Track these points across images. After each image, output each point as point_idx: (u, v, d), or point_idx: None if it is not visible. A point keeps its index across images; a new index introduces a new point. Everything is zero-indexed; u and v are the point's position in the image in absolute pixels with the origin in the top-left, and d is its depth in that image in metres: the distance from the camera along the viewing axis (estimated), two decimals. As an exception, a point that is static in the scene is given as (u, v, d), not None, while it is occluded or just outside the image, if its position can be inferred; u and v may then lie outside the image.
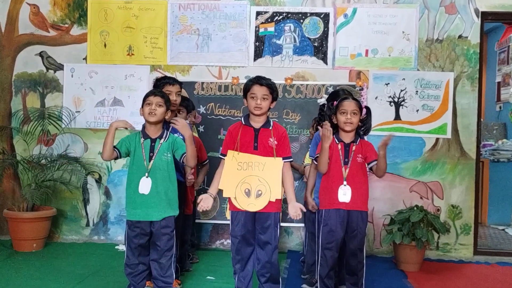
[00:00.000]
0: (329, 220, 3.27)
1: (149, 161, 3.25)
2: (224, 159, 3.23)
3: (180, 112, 4.08)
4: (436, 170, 4.98)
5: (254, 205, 3.14)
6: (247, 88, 3.22)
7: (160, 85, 3.63)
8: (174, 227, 3.34)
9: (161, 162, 3.27)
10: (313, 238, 3.82)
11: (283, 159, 3.19)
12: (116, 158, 3.33)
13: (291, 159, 3.28)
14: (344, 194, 3.24)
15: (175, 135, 3.55)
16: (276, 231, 3.21)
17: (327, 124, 3.20)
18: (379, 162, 3.25)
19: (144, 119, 3.33)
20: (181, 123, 3.26)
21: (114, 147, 3.30)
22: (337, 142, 3.31)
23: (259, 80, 3.18)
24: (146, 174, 3.24)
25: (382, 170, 3.27)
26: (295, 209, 3.14)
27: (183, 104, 4.09)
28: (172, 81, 3.69)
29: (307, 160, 4.05)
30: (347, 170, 3.26)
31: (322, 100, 3.84)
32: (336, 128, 3.36)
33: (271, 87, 3.19)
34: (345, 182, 3.25)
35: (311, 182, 3.62)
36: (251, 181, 3.14)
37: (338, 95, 3.69)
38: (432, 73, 4.99)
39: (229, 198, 3.22)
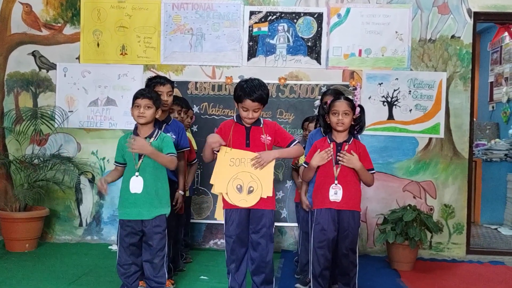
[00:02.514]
0: (321, 219, 3.27)
1: (138, 160, 3.25)
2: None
3: (176, 111, 4.09)
4: (429, 169, 5.00)
5: (246, 201, 3.15)
6: (238, 99, 3.16)
7: (151, 85, 3.63)
8: (166, 226, 3.33)
9: (150, 161, 3.25)
10: (307, 237, 3.82)
11: (291, 144, 3.23)
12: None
13: (297, 140, 3.29)
14: (335, 193, 3.25)
15: (168, 134, 3.56)
16: (271, 231, 3.21)
17: (329, 151, 3.24)
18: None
19: (134, 120, 3.33)
20: (138, 144, 3.16)
21: (116, 161, 3.38)
22: (329, 142, 3.32)
23: (250, 95, 3.11)
24: (136, 173, 3.23)
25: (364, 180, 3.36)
26: (262, 154, 3.14)
27: (176, 103, 4.08)
28: (163, 81, 3.67)
29: (302, 160, 4.04)
30: (338, 170, 3.26)
31: (318, 102, 3.84)
32: (330, 128, 3.37)
33: (263, 99, 3.16)
34: (336, 182, 3.25)
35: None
36: (243, 177, 3.14)
37: (326, 94, 3.72)
38: (425, 73, 5.01)
39: (222, 197, 3.22)
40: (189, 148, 3.86)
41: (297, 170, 4.37)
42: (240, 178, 3.14)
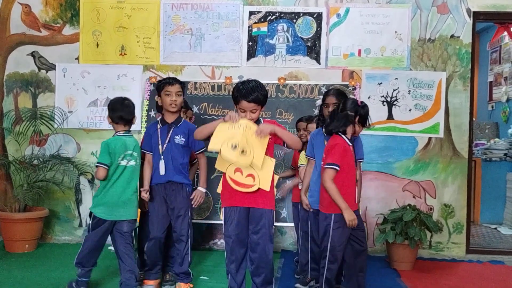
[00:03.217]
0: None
1: None
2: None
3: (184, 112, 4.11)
4: (428, 169, 5.00)
5: (238, 162, 3.07)
6: (235, 100, 3.17)
7: (161, 85, 3.67)
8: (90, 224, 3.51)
9: None
10: (307, 237, 3.83)
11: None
12: None
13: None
14: (357, 194, 3.30)
15: (177, 136, 3.66)
16: (270, 231, 3.21)
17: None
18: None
19: None
20: None
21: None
22: (350, 143, 3.30)
23: (246, 97, 3.10)
24: None
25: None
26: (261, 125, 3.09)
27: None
28: (172, 81, 3.68)
29: (302, 160, 4.04)
30: (357, 171, 3.33)
31: (320, 102, 3.83)
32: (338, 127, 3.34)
33: (260, 101, 3.15)
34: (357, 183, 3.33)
35: (307, 181, 3.65)
36: (239, 139, 3.05)
37: (329, 95, 3.71)
38: (425, 73, 5.01)
39: (221, 194, 3.23)
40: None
41: (293, 170, 4.41)
42: (237, 139, 3.05)
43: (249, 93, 3.09)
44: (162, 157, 3.62)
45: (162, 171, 3.62)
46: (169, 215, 3.68)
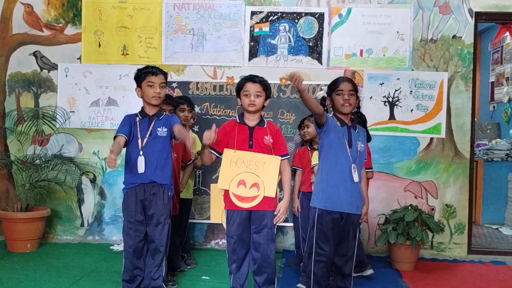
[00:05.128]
0: None
1: None
2: (212, 152, 3.20)
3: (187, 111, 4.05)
4: (430, 169, 5.00)
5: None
6: (240, 86, 3.22)
7: (142, 75, 3.30)
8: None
9: None
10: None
11: (281, 157, 3.21)
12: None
13: (288, 156, 3.29)
14: None
15: (159, 128, 3.33)
16: (273, 231, 3.21)
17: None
18: None
19: None
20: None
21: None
22: None
23: (252, 78, 3.20)
24: None
25: None
26: (280, 209, 3.18)
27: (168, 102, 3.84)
28: (155, 70, 3.29)
29: (315, 159, 3.98)
30: None
31: (321, 93, 3.80)
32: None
33: (264, 84, 3.20)
34: None
35: None
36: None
37: (343, 80, 3.55)
38: (426, 73, 5.01)
39: (224, 197, 3.22)
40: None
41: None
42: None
43: (255, 76, 3.20)
44: (141, 153, 3.22)
45: (141, 169, 3.21)
46: (146, 222, 3.30)
